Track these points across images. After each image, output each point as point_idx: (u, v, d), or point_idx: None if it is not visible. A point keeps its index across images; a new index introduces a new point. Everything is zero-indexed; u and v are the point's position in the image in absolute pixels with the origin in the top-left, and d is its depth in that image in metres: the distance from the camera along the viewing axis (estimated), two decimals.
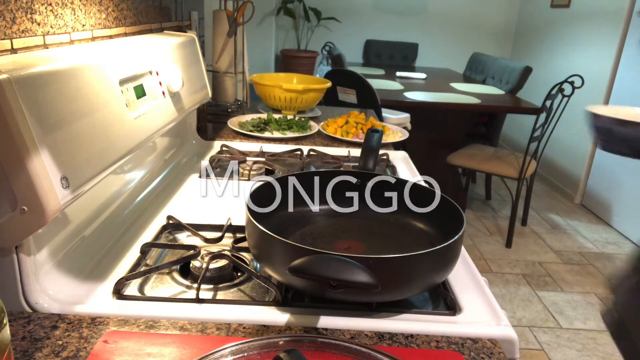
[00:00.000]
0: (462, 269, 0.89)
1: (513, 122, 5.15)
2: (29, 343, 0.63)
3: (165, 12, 1.49)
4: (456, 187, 3.40)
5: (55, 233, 0.77)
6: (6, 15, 0.76)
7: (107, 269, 0.83)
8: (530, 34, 5.05)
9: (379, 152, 1.05)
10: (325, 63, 4.68)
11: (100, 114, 0.80)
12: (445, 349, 0.67)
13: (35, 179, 0.62)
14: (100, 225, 0.92)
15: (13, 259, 0.68)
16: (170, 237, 0.96)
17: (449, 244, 0.72)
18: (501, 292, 2.63)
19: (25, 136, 0.61)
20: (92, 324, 0.68)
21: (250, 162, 1.34)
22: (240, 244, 0.90)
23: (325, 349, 0.61)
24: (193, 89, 1.30)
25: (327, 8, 5.20)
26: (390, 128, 1.73)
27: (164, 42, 1.18)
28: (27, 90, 0.64)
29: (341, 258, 0.64)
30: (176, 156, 1.36)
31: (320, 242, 0.89)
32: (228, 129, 1.69)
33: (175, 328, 0.68)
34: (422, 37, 5.39)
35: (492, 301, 0.80)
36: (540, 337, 2.29)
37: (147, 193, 1.13)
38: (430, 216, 0.92)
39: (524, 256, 3.02)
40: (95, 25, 1.05)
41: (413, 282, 0.71)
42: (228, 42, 1.77)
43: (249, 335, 0.67)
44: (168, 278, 0.81)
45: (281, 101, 1.87)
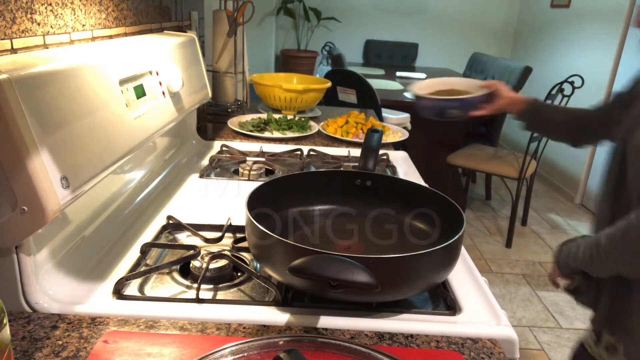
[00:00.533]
0: (462, 269, 0.89)
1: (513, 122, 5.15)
2: (29, 343, 0.63)
3: (165, 12, 1.49)
4: (456, 187, 3.39)
5: (55, 233, 0.77)
6: (6, 15, 0.76)
7: (107, 269, 0.83)
8: (530, 34, 5.05)
9: (379, 152, 1.05)
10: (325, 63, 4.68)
11: (100, 114, 0.80)
12: (445, 349, 0.67)
13: (35, 179, 0.62)
14: (100, 225, 0.91)
15: (13, 259, 0.68)
16: (170, 237, 0.96)
17: (449, 244, 0.72)
18: (501, 292, 2.63)
19: (25, 136, 0.61)
20: (92, 324, 0.68)
21: (250, 162, 1.34)
22: (240, 244, 0.90)
23: (325, 349, 0.61)
24: (193, 89, 1.30)
25: (327, 8, 5.20)
26: (390, 128, 1.73)
27: (164, 42, 1.18)
28: (27, 90, 0.64)
29: (341, 258, 0.64)
30: (176, 156, 1.36)
31: (320, 242, 0.89)
32: (228, 129, 1.69)
33: (175, 328, 0.68)
34: (422, 37, 5.39)
35: (492, 301, 0.80)
36: (540, 337, 2.29)
37: (147, 193, 1.13)
38: (430, 216, 0.92)
39: (524, 256, 3.02)
40: (95, 25, 1.05)
41: (413, 282, 0.71)
42: (228, 42, 1.77)
43: (249, 335, 0.67)
44: (168, 278, 0.81)
45: (281, 101, 1.87)
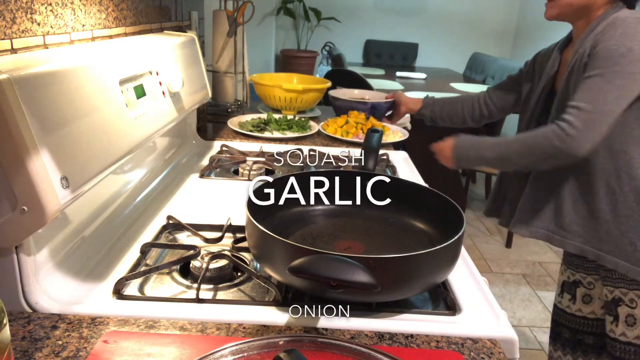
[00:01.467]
0: (462, 269, 0.89)
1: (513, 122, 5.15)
2: (29, 343, 0.63)
3: (165, 12, 1.49)
4: (456, 187, 3.40)
5: (55, 233, 0.77)
6: (6, 15, 0.76)
7: (107, 269, 0.83)
8: (530, 34, 5.05)
9: (379, 152, 1.05)
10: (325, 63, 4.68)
11: (100, 114, 0.80)
12: (445, 349, 0.67)
13: (35, 179, 0.62)
14: (100, 225, 0.91)
15: (13, 259, 0.67)
16: (170, 237, 0.96)
17: (449, 244, 0.72)
18: (501, 292, 2.63)
19: (25, 136, 0.61)
20: (92, 324, 0.68)
21: (250, 162, 1.34)
22: (240, 244, 0.90)
23: (325, 349, 0.61)
24: (193, 89, 1.30)
25: (327, 8, 5.19)
26: (390, 128, 1.73)
27: (164, 42, 1.18)
28: (27, 90, 0.63)
29: (341, 258, 0.64)
30: (176, 156, 1.36)
31: (320, 242, 0.88)
32: (228, 129, 1.69)
33: (175, 328, 0.68)
34: (422, 37, 5.39)
35: (492, 301, 0.80)
36: (540, 337, 2.29)
37: (147, 193, 1.13)
38: (430, 216, 0.92)
39: (524, 256, 3.02)
40: (95, 25, 1.05)
41: (413, 282, 0.71)
42: (228, 42, 1.77)
43: (249, 335, 0.67)
44: (168, 278, 0.81)
45: (281, 101, 1.87)
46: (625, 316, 1.13)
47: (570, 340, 1.31)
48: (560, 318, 1.34)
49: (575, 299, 1.28)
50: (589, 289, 1.25)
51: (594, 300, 1.25)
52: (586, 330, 1.28)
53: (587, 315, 1.27)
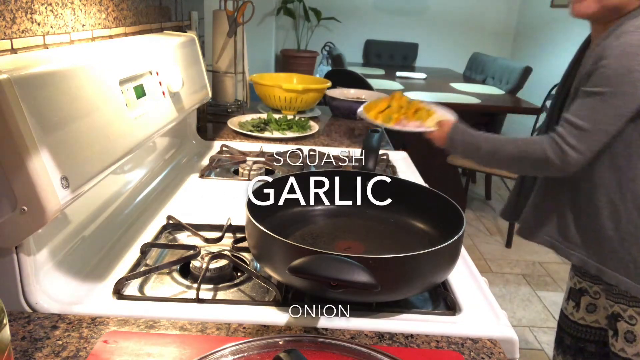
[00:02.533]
0: (462, 269, 0.89)
1: (513, 122, 5.14)
2: (29, 343, 0.63)
3: (165, 12, 1.49)
4: (456, 187, 3.40)
5: (55, 233, 0.77)
6: (6, 15, 0.76)
7: (107, 269, 0.83)
8: (530, 34, 5.05)
9: (379, 152, 1.05)
10: (325, 63, 4.68)
11: (100, 114, 0.80)
12: (445, 349, 0.67)
13: (35, 179, 0.62)
14: (100, 225, 0.91)
15: (13, 259, 0.67)
16: (170, 237, 0.96)
17: (449, 244, 0.72)
18: (501, 292, 2.63)
19: (25, 136, 0.61)
20: (92, 324, 0.68)
21: (250, 162, 1.34)
22: (240, 244, 0.90)
23: (325, 349, 0.61)
24: (193, 89, 1.30)
25: (327, 8, 5.19)
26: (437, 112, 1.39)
27: (164, 42, 1.18)
28: (27, 90, 0.63)
29: (341, 258, 0.64)
30: (176, 156, 1.36)
31: (320, 242, 0.88)
32: (228, 129, 1.69)
33: (175, 328, 0.68)
34: (422, 37, 5.39)
35: (492, 301, 0.80)
36: (540, 337, 2.29)
37: (147, 193, 1.13)
38: (430, 216, 0.92)
39: (524, 256, 3.02)
40: (95, 25, 1.05)
41: (413, 282, 0.71)
42: (228, 42, 1.77)
43: (249, 335, 0.67)
44: (168, 278, 0.81)
45: (281, 101, 1.87)
46: (624, 332, 1.12)
47: (571, 347, 1.30)
48: (563, 324, 1.33)
49: (578, 307, 1.27)
50: (595, 299, 1.23)
51: (599, 309, 1.23)
52: (588, 339, 1.27)
53: (590, 324, 1.25)
